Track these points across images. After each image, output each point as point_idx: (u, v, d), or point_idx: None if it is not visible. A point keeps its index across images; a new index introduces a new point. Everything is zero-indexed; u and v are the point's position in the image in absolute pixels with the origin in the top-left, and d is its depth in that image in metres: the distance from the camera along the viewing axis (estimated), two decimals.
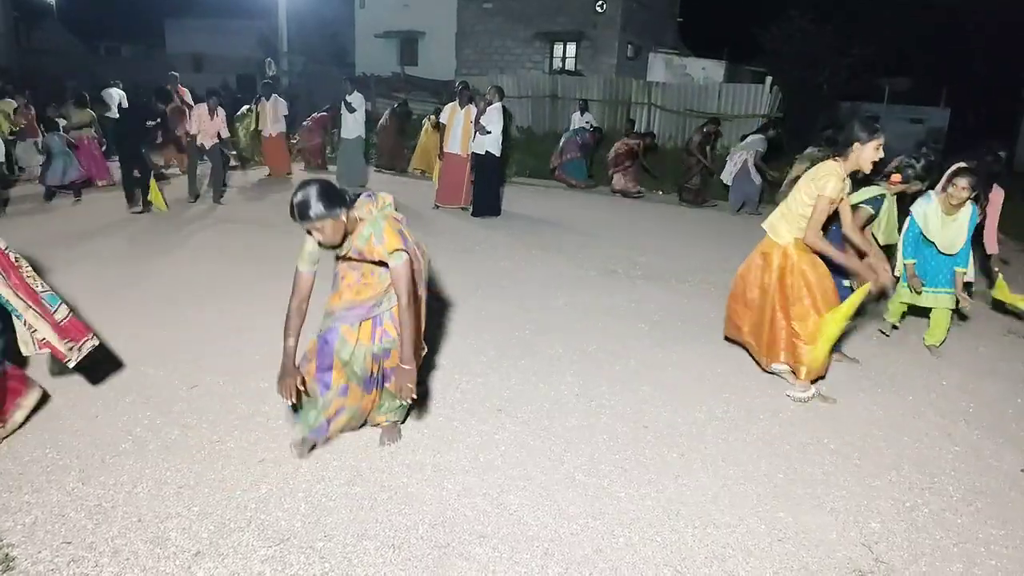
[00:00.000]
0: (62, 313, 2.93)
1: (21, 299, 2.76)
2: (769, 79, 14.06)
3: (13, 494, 2.62)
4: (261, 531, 2.49)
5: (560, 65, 21.23)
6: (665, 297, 5.80)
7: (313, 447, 2.99)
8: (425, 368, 4.00)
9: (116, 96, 11.69)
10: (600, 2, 20.20)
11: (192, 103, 9.76)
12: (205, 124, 8.89)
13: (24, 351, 2.84)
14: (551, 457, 3.12)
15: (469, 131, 8.74)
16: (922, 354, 4.80)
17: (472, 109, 8.78)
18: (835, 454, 3.31)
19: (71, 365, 2.91)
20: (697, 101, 14.14)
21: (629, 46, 20.97)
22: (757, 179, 10.14)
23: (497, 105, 8.68)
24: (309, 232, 2.60)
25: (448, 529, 2.56)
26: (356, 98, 10.18)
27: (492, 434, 3.29)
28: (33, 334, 2.78)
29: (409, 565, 2.36)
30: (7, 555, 2.30)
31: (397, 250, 2.60)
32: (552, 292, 5.74)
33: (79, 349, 2.92)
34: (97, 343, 3.04)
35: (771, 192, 9.82)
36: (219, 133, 8.99)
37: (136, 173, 8.15)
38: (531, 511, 2.70)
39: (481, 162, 8.76)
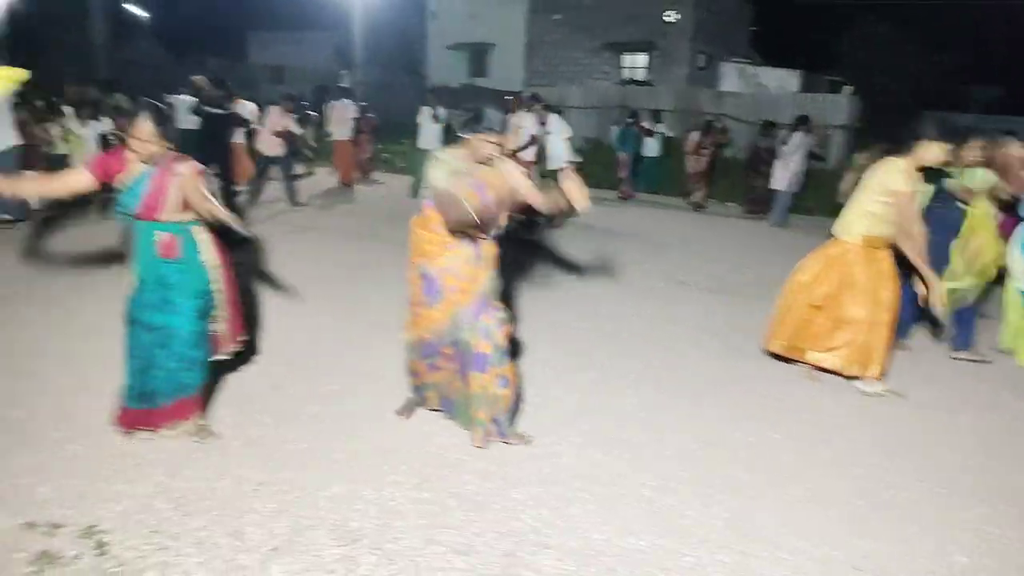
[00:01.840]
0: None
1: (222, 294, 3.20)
2: (847, 88, 13.61)
3: (108, 483, 2.78)
4: (333, 530, 2.57)
5: (630, 76, 21.11)
6: (734, 311, 5.67)
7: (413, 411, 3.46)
8: None
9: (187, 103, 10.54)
10: (670, 12, 20.01)
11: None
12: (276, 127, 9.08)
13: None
14: (617, 471, 3.10)
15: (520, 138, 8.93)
16: None
17: (528, 117, 8.91)
18: (921, 482, 3.16)
19: (219, 357, 3.26)
20: (770, 111, 13.81)
21: (700, 56, 20.68)
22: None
23: (553, 115, 9.04)
24: (476, 142, 3.01)
25: (515, 539, 2.57)
26: (441, 112, 10.54)
27: (556, 446, 3.29)
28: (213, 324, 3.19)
29: (477, 571, 2.39)
30: (101, 541, 2.44)
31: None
32: (619, 303, 5.70)
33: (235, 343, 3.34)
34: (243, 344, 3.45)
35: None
36: (287, 138, 9.18)
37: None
38: (596, 526, 2.68)
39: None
